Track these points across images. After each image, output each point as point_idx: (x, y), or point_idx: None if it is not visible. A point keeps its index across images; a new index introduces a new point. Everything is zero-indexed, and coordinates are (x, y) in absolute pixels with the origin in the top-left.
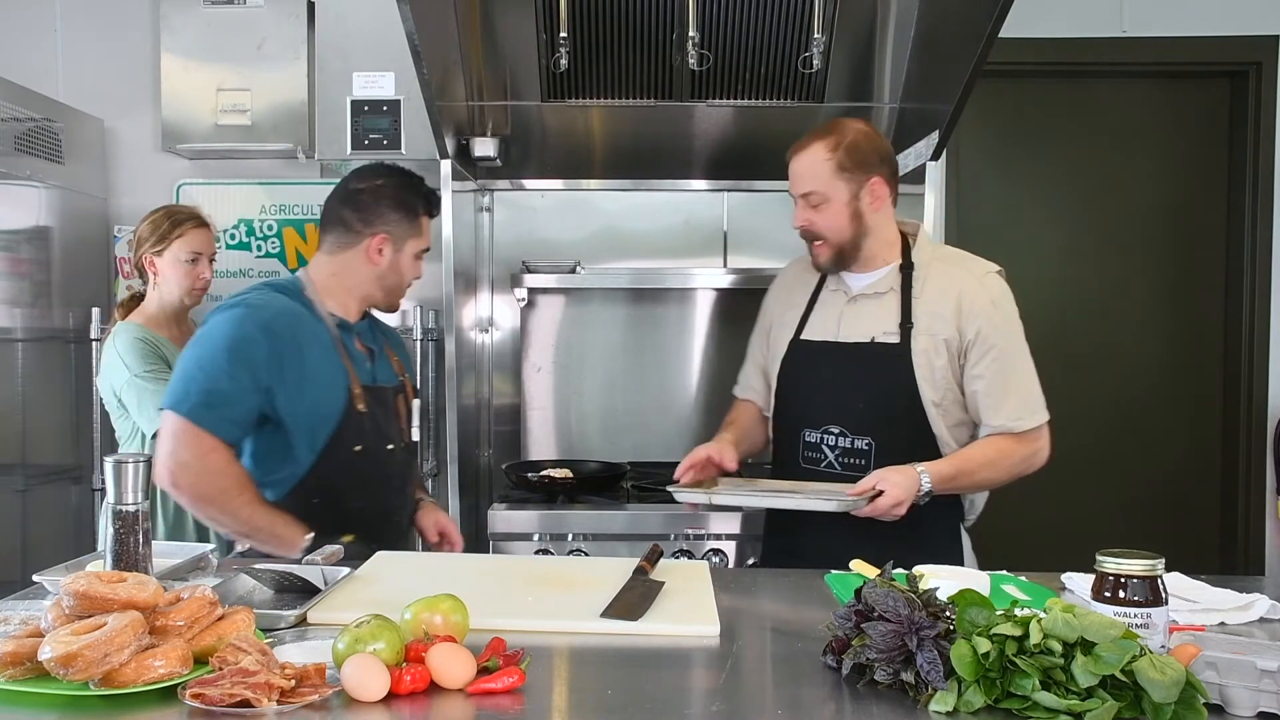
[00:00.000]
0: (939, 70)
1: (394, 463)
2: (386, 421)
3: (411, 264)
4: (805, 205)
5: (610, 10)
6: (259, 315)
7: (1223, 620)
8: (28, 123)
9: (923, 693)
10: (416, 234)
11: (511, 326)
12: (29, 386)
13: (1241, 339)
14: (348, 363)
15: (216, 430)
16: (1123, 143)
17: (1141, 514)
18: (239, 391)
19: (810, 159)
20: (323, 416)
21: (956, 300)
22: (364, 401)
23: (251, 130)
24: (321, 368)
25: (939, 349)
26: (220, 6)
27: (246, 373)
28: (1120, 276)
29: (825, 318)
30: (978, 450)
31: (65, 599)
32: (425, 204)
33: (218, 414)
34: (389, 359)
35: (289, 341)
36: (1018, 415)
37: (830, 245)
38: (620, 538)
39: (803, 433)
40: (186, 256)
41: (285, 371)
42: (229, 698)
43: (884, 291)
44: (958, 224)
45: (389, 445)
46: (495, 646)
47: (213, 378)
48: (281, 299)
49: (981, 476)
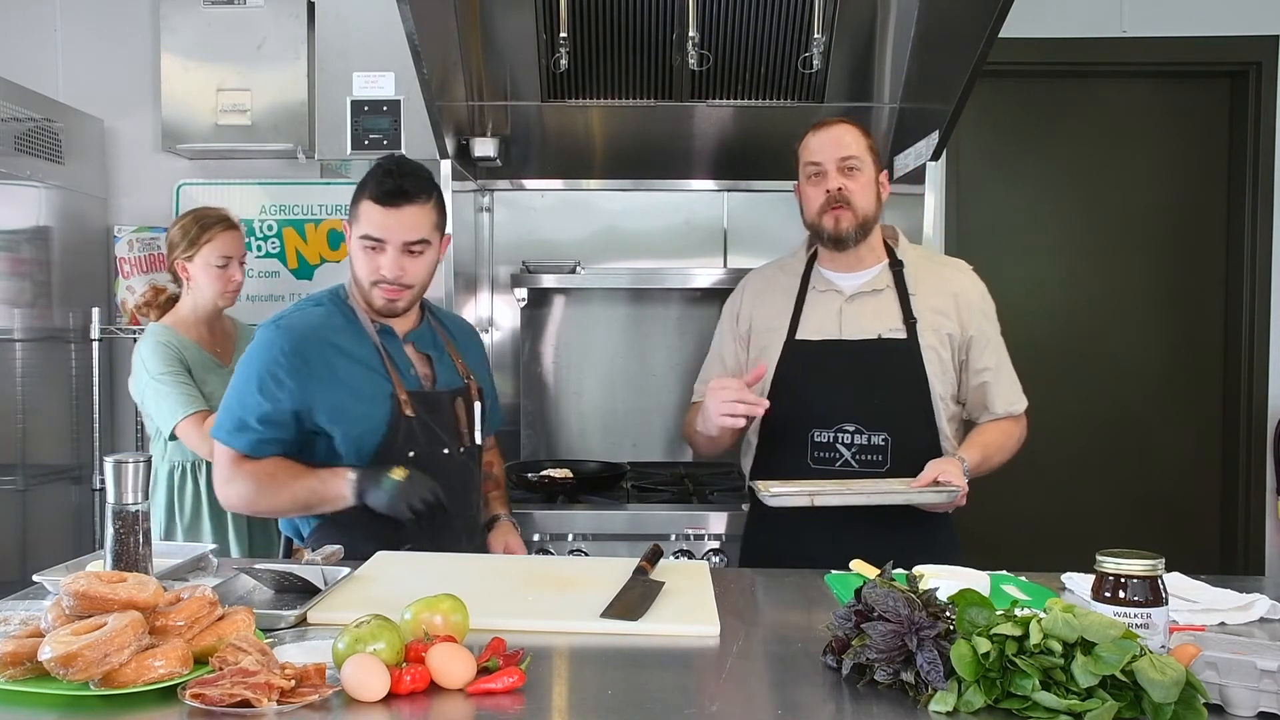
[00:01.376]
0: (939, 70)
1: (451, 466)
2: (441, 426)
3: (359, 254)
4: (840, 171)
5: (610, 10)
6: (288, 337)
7: (1223, 620)
8: (28, 123)
9: (923, 693)
10: (355, 218)
11: (511, 326)
12: (29, 386)
13: (1241, 339)
14: (392, 370)
15: (253, 453)
16: (1123, 143)
17: (1141, 514)
18: (272, 414)
19: (846, 130)
20: (367, 426)
21: (954, 297)
22: (412, 407)
23: (251, 130)
24: (359, 379)
25: (944, 343)
26: (220, 6)
27: (277, 395)
28: (1120, 276)
29: (822, 317)
30: (990, 435)
31: (65, 599)
32: (374, 187)
33: (249, 437)
34: (453, 361)
35: (318, 359)
36: (1015, 399)
37: (857, 215)
38: (620, 538)
39: (811, 433)
40: (217, 261)
41: (318, 388)
42: (229, 698)
43: (881, 289)
44: (958, 224)
45: (444, 449)
46: (495, 646)
47: (245, 405)
48: (317, 314)
49: (996, 460)
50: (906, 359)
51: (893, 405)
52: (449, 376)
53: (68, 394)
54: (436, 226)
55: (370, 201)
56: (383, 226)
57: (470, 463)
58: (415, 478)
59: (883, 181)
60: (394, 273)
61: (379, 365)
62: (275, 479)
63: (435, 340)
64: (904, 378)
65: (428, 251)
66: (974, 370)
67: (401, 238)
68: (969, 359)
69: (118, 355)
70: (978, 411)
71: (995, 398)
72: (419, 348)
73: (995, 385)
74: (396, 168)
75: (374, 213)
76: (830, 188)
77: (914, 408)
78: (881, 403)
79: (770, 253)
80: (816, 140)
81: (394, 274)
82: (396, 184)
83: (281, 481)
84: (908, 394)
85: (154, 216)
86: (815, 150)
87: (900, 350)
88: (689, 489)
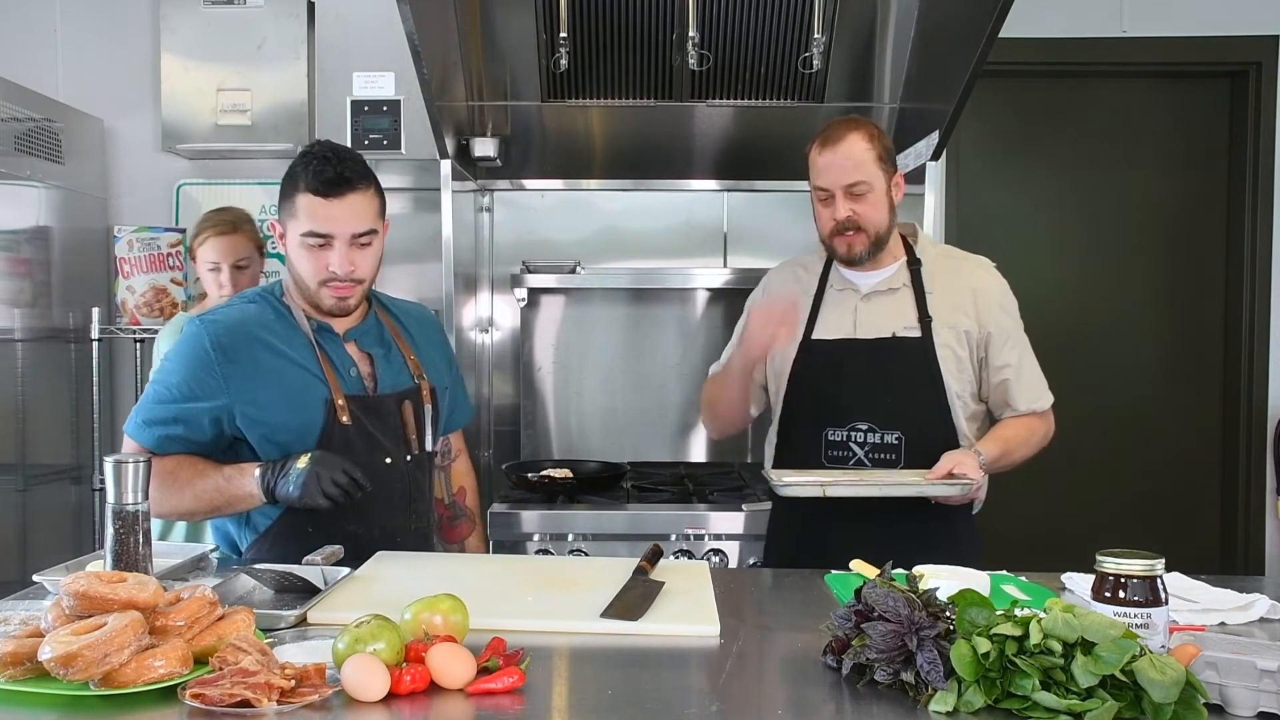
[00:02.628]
0: (939, 70)
1: (394, 478)
2: (384, 432)
3: (301, 253)
4: (848, 196)
5: (610, 10)
6: (211, 330)
7: (1223, 620)
8: (28, 123)
9: (923, 693)
10: (293, 214)
11: (511, 326)
12: (29, 386)
13: (1241, 339)
14: (329, 372)
15: (158, 449)
16: (1123, 143)
17: (1141, 514)
18: (187, 412)
19: (853, 149)
20: (296, 432)
21: (973, 294)
22: (348, 413)
23: (251, 130)
24: (287, 380)
25: (961, 341)
26: (220, 6)
27: (195, 392)
28: (1120, 276)
29: (838, 316)
30: (1012, 430)
31: (65, 599)
32: (311, 178)
33: (156, 433)
34: (403, 358)
35: (243, 355)
36: (1039, 395)
37: (869, 236)
38: (620, 538)
39: (825, 431)
40: (206, 265)
41: (243, 387)
42: (229, 698)
43: (898, 287)
44: (958, 224)
45: (387, 459)
46: (495, 646)
47: (158, 399)
48: (249, 309)
49: (1018, 455)
50: (921, 357)
51: (907, 404)
52: (396, 377)
53: (68, 394)
54: (379, 214)
55: (309, 194)
56: (327, 219)
57: (417, 472)
58: (323, 459)
59: (897, 183)
60: (345, 268)
61: (314, 366)
62: (176, 477)
63: (382, 336)
64: (918, 376)
65: (374, 241)
66: (994, 367)
67: (349, 229)
68: (989, 356)
69: (118, 355)
70: (1000, 409)
71: (1017, 394)
72: (362, 346)
73: (1017, 382)
74: (333, 154)
75: (315, 205)
76: (839, 217)
77: (929, 406)
78: (895, 401)
79: (770, 252)
80: (824, 161)
81: (345, 269)
82: (336, 171)
83: (184, 480)
84: (922, 392)
85: (154, 216)
86: (823, 173)
87: (914, 348)
88: (689, 489)
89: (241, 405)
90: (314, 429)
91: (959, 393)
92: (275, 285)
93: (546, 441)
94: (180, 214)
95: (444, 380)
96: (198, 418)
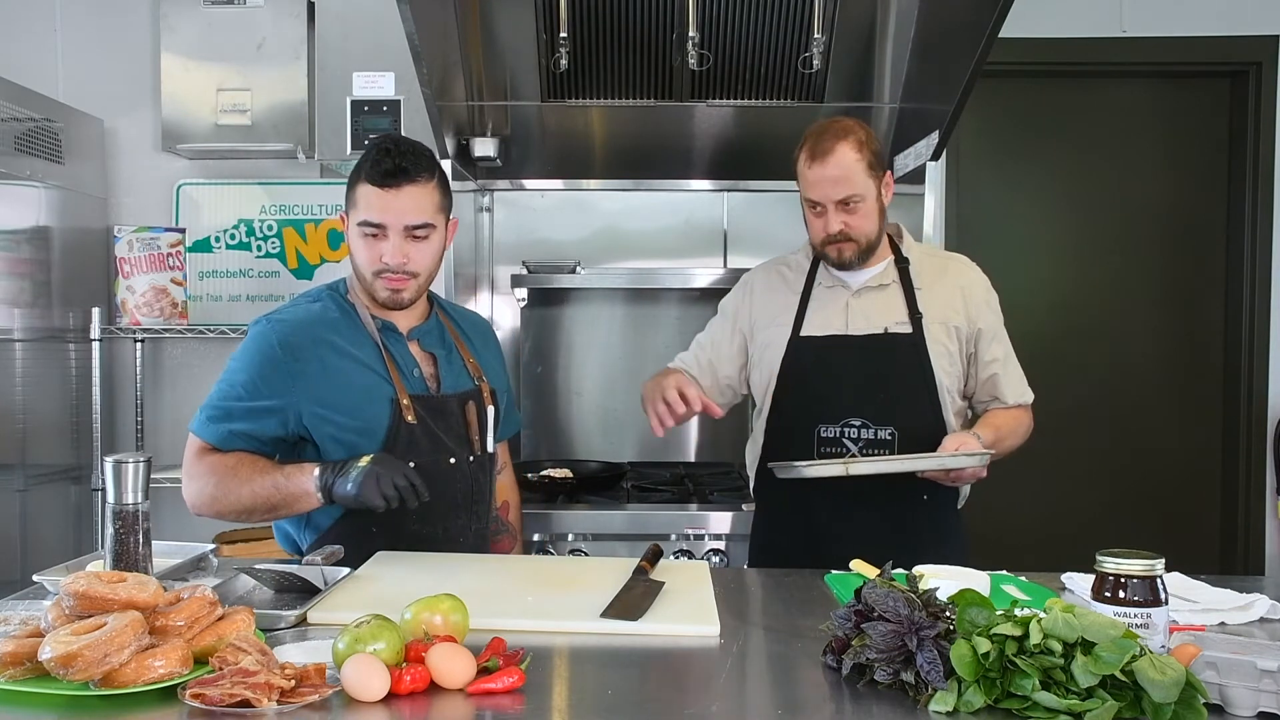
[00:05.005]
0: (939, 70)
1: (457, 478)
2: (448, 432)
3: (358, 243)
4: (839, 209)
5: (610, 10)
6: (278, 330)
7: (1223, 620)
8: (28, 123)
9: (923, 693)
10: (353, 204)
11: (512, 326)
12: (29, 386)
13: (1241, 339)
14: (394, 371)
15: (221, 446)
16: (1123, 143)
17: (1142, 514)
18: (253, 410)
19: (844, 161)
20: (363, 432)
21: (961, 290)
22: (414, 413)
23: (251, 130)
24: (353, 379)
25: (952, 336)
26: (220, 6)
27: (261, 390)
28: (1120, 276)
29: (828, 313)
30: (1001, 419)
31: (65, 599)
32: (370, 168)
33: (221, 429)
34: (464, 361)
35: (310, 355)
36: (1024, 391)
37: (860, 245)
38: (620, 538)
39: (818, 428)
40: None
41: (309, 387)
42: (229, 698)
43: (887, 284)
44: (958, 224)
45: (451, 459)
46: (495, 646)
47: (226, 395)
48: (314, 309)
49: (1008, 444)
50: (913, 353)
51: (899, 400)
52: (457, 378)
53: (68, 394)
54: (441, 209)
55: (367, 184)
56: (382, 210)
57: (479, 473)
58: (385, 460)
59: (887, 184)
60: (396, 260)
61: (380, 365)
62: (237, 473)
63: (443, 338)
64: (910, 372)
65: (433, 236)
66: (983, 362)
67: (403, 221)
68: (978, 351)
69: (118, 355)
70: (986, 402)
71: (1005, 388)
72: (424, 346)
73: (1005, 376)
74: (394, 146)
75: (372, 196)
76: (831, 230)
77: (921, 402)
78: (888, 397)
79: (770, 252)
80: (814, 175)
81: (397, 261)
82: (395, 163)
83: (244, 476)
84: (915, 388)
85: (154, 216)
86: (813, 186)
87: (906, 344)
88: (689, 489)
89: (308, 405)
90: (379, 428)
91: (949, 388)
92: (340, 283)
93: (546, 441)
94: (180, 214)
95: (502, 384)
96: (263, 416)
